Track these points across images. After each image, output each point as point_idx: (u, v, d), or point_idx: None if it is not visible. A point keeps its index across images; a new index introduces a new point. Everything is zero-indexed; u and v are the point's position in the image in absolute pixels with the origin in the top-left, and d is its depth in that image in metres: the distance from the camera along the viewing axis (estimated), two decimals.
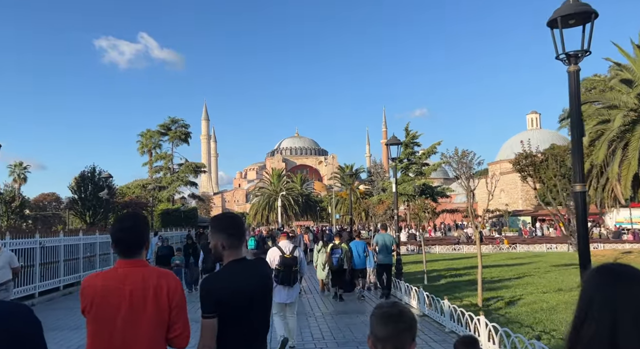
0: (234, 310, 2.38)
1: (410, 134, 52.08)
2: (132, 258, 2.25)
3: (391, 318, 1.68)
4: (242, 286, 2.43)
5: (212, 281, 2.45)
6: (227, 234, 2.50)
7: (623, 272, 1.28)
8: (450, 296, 11.20)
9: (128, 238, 2.26)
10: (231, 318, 2.37)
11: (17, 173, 69.38)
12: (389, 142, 12.55)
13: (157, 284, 2.20)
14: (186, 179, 42.31)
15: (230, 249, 2.50)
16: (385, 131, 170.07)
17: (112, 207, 27.66)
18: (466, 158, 9.83)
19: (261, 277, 2.58)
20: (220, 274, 2.53)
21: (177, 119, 42.87)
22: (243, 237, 2.60)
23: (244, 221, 2.74)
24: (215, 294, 2.34)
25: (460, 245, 29.01)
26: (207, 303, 2.34)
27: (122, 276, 2.19)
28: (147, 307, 2.15)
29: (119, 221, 2.36)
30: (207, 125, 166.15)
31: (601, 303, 1.22)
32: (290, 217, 74.04)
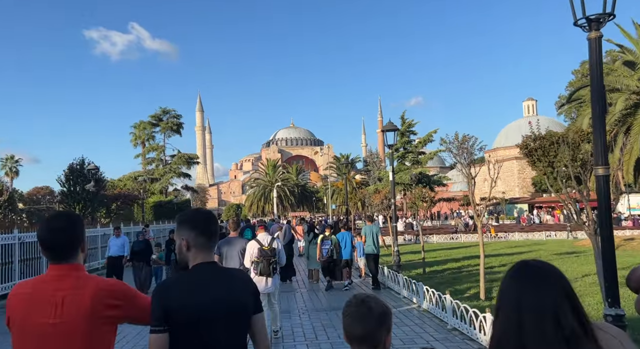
0: (186, 328, 1.96)
1: (407, 123, 51.53)
2: (65, 262, 1.97)
3: (363, 317, 1.63)
4: (202, 298, 1.99)
5: (165, 287, 2.07)
6: (194, 230, 2.10)
7: (534, 270, 1.28)
8: (451, 288, 10.70)
9: (59, 240, 1.97)
10: (183, 338, 1.95)
11: (8, 166, 68.39)
12: (385, 129, 11.93)
13: (93, 290, 1.94)
14: (179, 171, 41.59)
15: (197, 249, 2.10)
16: (381, 120, 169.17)
17: (101, 200, 26.93)
18: (467, 143, 9.24)
19: (234, 291, 2.08)
20: (179, 280, 2.12)
21: (169, 110, 42.03)
22: (214, 238, 2.16)
23: (216, 219, 2.27)
24: (165, 304, 1.96)
25: (458, 234, 28.55)
26: (155, 314, 1.97)
27: (53, 283, 1.94)
28: (83, 319, 1.90)
29: (48, 220, 2.05)
30: (202, 116, 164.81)
31: (508, 301, 1.25)
32: (286, 208, 73.55)
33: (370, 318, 1.63)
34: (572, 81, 72.42)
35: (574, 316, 1.22)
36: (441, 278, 12.58)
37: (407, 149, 52.77)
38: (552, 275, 1.27)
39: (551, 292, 1.24)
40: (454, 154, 9.37)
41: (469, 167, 9.30)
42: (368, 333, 1.62)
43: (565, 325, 1.19)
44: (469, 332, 6.79)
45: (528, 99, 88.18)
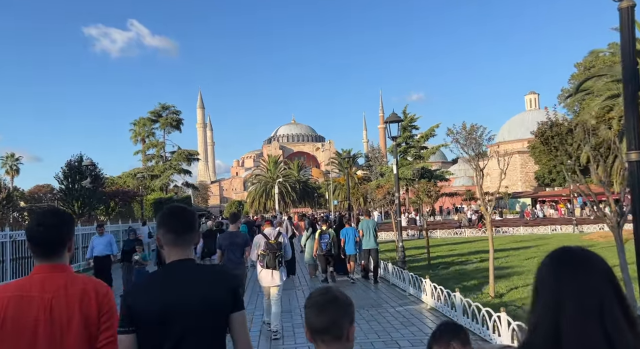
0: (153, 328, 1.90)
1: (409, 117, 50.99)
2: (53, 262, 1.92)
3: (324, 306, 1.59)
4: (169, 297, 1.93)
5: (134, 287, 2.09)
6: (162, 228, 2.05)
7: (576, 256, 1.21)
8: (459, 285, 10.30)
9: (49, 236, 1.92)
10: (151, 339, 1.90)
11: (9, 165, 68.17)
12: (389, 120, 11.49)
13: (83, 291, 1.90)
14: (179, 167, 41.21)
15: (168, 247, 2.04)
16: (382, 116, 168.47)
17: (99, 197, 26.54)
18: (475, 133, 8.81)
19: (207, 288, 1.98)
20: (148, 279, 2.13)
21: (168, 106, 41.60)
22: (188, 235, 2.07)
23: (193, 216, 2.16)
24: (131, 303, 1.93)
25: (461, 229, 28.13)
26: (121, 314, 1.94)
27: (40, 283, 1.87)
28: (72, 319, 1.85)
29: (38, 216, 1.99)
30: (203, 113, 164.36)
31: (548, 288, 1.17)
32: (287, 204, 73.22)
33: (336, 306, 1.59)
34: (574, 74, 71.69)
35: (619, 307, 1.13)
36: (447, 274, 12.17)
37: (410, 143, 52.34)
38: (596, 261, 1.19)
39: (595, 278, 1.15)
40: (461, 145, 8.94)
41: (477, 158, 8.88)
42: (333, 322, 1.57)
43: (609, 315, 1.11)
44: (481, 332, 6.39)
45: (530, 93, 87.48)
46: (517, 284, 10.22)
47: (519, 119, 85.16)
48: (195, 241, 2.13)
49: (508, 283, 10.53)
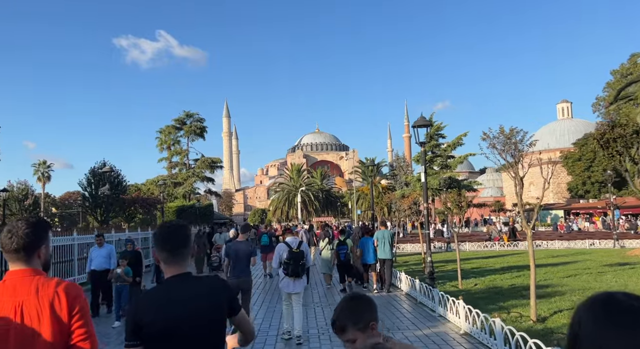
0: (157, 342, 2.04)
1: (435, 126, 49.69)
2: (24, 266, 1.97)
3: None
4: (170, 312, 2.06)
5: (137, 303, 2.19)
6: (159, 246, 2.20)
7: (622, 309, 0.94)
8: (493, 305, 9.34)
9: (19, 243, 1.95)
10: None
11: (41, 172, 69.95)
12: (417, 124, 10.65)
13: (53, 294, 1.93)
14: (202, 175, 41.11)
15: (164, 264, 2.19)
16: (407, 125, 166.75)
17: (120, 204, 26.49)
18: (515, 137, 7.90)
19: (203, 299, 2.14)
20: (148, 295, 2.23)
21: (192, 113, 41.68)
22: (181, 250, 2.20)
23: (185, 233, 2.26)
24: (136, 319, 2.06)
25: (492, 242, 26.74)
26: (128, 329, 2.09)
27: (11, 288, 1.93)
28: (43, 321, 1.89)
29: (9, 225, 2.04)
30: (229, 122, 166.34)
31: (588, 344, 0.94)
32: (310, 213, 72.50)
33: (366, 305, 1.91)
34: (610, 82, 68.98)
35: None
36: (481, 293, 11.15)
37: (436, 152, 50.97)
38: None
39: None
40: (499, 150, 8.04)
41: (517, 165, 7.96)
42: None
43: None
44: None
45: (562, 101, 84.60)
46: (560, 307, 9.16)
47: (550, 128, 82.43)
48: (190, 255, 2.25)
49: (550, 304, 9.47)
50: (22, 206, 32.57)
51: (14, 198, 32.49)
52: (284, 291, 7.49)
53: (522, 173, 8.36)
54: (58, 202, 78.18)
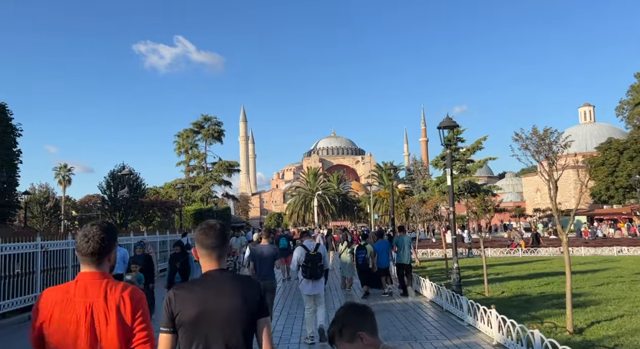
0: (188, 330, 2.19)
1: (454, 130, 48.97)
2: (95, 269, 2.12)
3: None
4: (205, 304, 2.20)
5: (173, 293, 2.26)
6: (198, 243, 2.36)
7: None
8: (525, 315, 8.91)
9: (93, 247, 2.10)
10: (186, 338, 2.19)
11: (62, 175, 71.15)
12: (442, 125, 10.29)
13: (120, 297, 2.07)
14: (220, 178, 41.19)
15: (204, 259, 2.35)
16: (424, 129, 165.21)
17: (139, 207, 26.58)
18: (549, 138, 7.50)
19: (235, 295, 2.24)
20: (185, 287, 2.31)
21: (210, 117, 41.89)
22: (219, 248, 2.34)
23: (223, 232, 2.39)
24: (171, 308, 2.21)
25: (516, 247, 26.00)
26: (164, 316, 2.22)
27: (83, 289, 2.07)
28: (109, 324, 2.03)
29: (85, 229, 2.17)
30: (245, 126, 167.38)
31: None
32: (326, 217, 72.17)
33: None
34: (634, 85, 67.20)
35: None
36: (510, 301, 10.69)
37: (455, 156, 50.26)
38: None
39: None
40: (532, 152, 7.65)
41: (552, 167, 7.55)
42: None
43: None
44: None
45: (584, 105, 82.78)
46: (597, 317, 8.68)
47: (572, 132, 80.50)
48: (226, 252, 2.40)
49: (586, 314, 8.99)
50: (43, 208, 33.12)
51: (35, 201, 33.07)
52: (304, 293, 7.65)
53: (557, 176, 7.94)
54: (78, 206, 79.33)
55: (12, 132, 23.20)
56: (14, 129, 23.33)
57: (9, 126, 22.90)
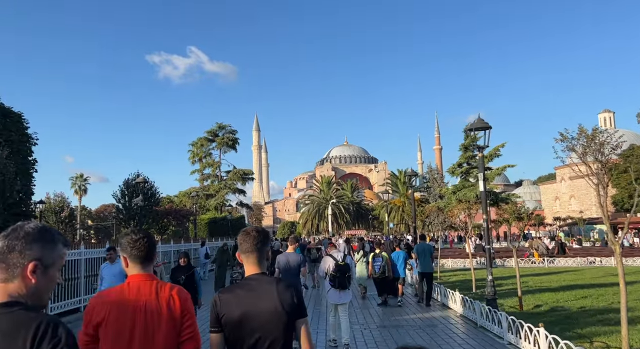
0: (235, 329, 2.34)
1: (470, 137, 48.10)
2: (145, 271, 2.29)
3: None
4: (248, 305, 2.36)
5: (220, 295, 2.43)
6: (240, 248, 2.52)
7: None
8: (570, 333, 8.14)
9: (144, 251, 2.29)
10: (234, 337, 2.35)
11: (78, 185, 71.67)
12: (473, 127, 9.66)
13: (169, 296, 2.23)
14: (234, 187, 40.84)
15: (246, 263, 2.50)
16: (438, 137, 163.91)
17: (154, 216, 26.24)
18: (599, 138, 6.82)
19: (276, 297, 2.38)
20: (230, 290, 2.48)
21: (224, 125, 41.68)
22: (260, 253, 2.49)
23: (264, 237, 2.54)
24: (218, 310, 2.37)
25: (541, 257, 24.96)
26: (212, 317, 2.39)
27: (135, 290, 2.23)
28: (161, 320, 2.19)
29: (133, 236, 2.33)
30: (258, 136, 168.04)
31: None
32: (340, 225, 71.33)
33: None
34: None
35: None
36: (548, 316, 9.90)
37: (472, 164, 49.33)
38: None
39: None
40: (579, 154, 6.97)
41: (603, 170, 6.86)
42: None
43: None
44: None
45: (604, 111, 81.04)
46: None
47: None
48: (265, 257, 2.53)
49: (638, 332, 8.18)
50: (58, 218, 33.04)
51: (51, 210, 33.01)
52: (330, 302, 7.91)
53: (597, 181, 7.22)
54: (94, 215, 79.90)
55: (28, 141, 23.13)
56: (30, 138, 23.26)
57: (25, 135, 22.83)
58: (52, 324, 1.38)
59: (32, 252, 1.47)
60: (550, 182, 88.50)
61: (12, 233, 1.50)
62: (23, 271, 1.45)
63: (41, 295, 1.50)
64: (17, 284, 1.45)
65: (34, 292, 1.47)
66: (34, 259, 1.47)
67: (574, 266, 23.43)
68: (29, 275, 1.45)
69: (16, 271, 1.45)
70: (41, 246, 1.49)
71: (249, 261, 2.46)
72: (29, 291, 1.46)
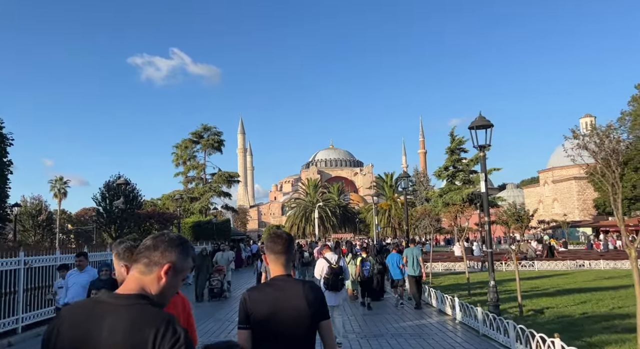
0: (262, 327, 2.41)
1: (456, 140, 48.17)
2: None
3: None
4: (275, 304, 2.43)
5: (248, 295, 2.51)
6: (268, 250, 2.60)
7: None
8: (580, 341, 7.73)
9: None
10: (260, 335, 2.40)
11: (57, 188, 69.59)
12: (474, 125, 9.24)
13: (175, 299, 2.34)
14: (219, 189, 39.96)
15: (272, 265, 2.60)
16: (422, 141, 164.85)
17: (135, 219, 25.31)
18: (614, 134, 6.45)
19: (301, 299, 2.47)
20: (258, 290, 2.55)
21: (210, 127, 40.84)
22: (286, 255, 2.58)
23: (289, 241, 2.66)
24: (246, 308, 2.45)
25: (530, 261, 24.83)
26: (240, 316, 2.47)
27: None
28: None
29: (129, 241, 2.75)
30: (243, 139, 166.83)
31: None
32: (327, 229, 70.82)
33: None
34: (635, 96, 66.80)
35: None
36: (552, 323, 9.51)
37: (458, 167, 49.32)
38: None
39: None
40: (591, 151, 6.59)
41: (617, 170, 6.47)
42: None
43: None
44: None
45: (586, 116, 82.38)
46: None
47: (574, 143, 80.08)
48: (291, 260, 2.67)
49: None
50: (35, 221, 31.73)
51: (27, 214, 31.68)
52: None
53: (612, 178, 6.84)
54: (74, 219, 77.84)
55: (3, 142, 22.06)
56: (5, 138, 22.18)
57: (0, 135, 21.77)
58: (172, 322, 1.51)
59: (170, 255, 1.65)
60: (534, 185, 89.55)
61: (159, 237, 1.71)
62: (159, 270, 1.62)
63: (165, 295, 1.65)
64: (150, 279, 1.62)
65: (161, 291, 1.62)
66: (170, 262, 1.64)
67: (564, 269, 23.33)
68: (162, 274, 1.62)
69: (154, 268, 1.63)
70: (178, 253, 1.67)
71: (277, 262, 2.55)
72: (158, 288, 1.62)
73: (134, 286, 1.59)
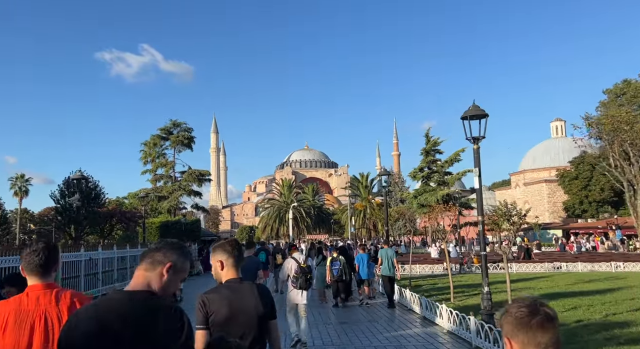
0: (218, 328, 2.57)
1: (432, 141, 47.85)
2: (44, 281, 2.31)
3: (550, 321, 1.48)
4: (229, 307, 2.63)
5: (205, 297, 2.67)
6: (217, 254, 2.84)
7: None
8: None
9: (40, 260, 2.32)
10: None
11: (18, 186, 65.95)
12: (468, 114, 8.39)
13: (71, 303, 2.26)
14: (189, 188, 38.30)
15: (227, 269, 2.81)
16: (396, 143, 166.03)
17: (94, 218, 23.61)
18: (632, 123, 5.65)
19: (252, 300, 2.73)
20: (214, 292, 2.73)
21: (180, 123, 39.12)
22: (239, 260, 2.87)
23: (240, 245, 2.96)
24: (205, 310, 2.61)
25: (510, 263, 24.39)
26: (199, 317, 2.61)
27: (34, 299, 2.23)
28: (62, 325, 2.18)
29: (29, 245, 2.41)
30: (217, 138, 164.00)
31: None
32: (302, 230, 69.75)
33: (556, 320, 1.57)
34: (603, 101, 68.52)
35: None
36: None
37: (432, 169, 49.14)
38: None
39: None
40: (606, 140, 5.81)
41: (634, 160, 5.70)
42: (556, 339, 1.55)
43: None
44: None
45: (556, 120, 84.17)
46: None
47: (544, 147, 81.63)
48: (241, 264, 2.92)
49: None
50: None
51: None
52: (291, 302, 8.12)
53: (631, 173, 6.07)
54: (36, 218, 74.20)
55: None
56: None
57: None
58: (179, 310, 1.85)
59: (171, 256, 1.95)
60: (505, 188, 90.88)
61: (162, 241, 2.06)
62: (162, 268, 1.92)
63: (167, 290, 1.92)
64: (154, 276, 1.91)
65: (163, 286, 1.91)
66: (171, 261, 1.94)
67: (541, 271, 23.01)
68: (164, 272, 1.92)
69: (157, 267, 1.93)
70: (178, 255, 1.98)
71: (227, 266, 2.78)
72: (160, 284, 1.91)
73: (142, 281, 1.90)
